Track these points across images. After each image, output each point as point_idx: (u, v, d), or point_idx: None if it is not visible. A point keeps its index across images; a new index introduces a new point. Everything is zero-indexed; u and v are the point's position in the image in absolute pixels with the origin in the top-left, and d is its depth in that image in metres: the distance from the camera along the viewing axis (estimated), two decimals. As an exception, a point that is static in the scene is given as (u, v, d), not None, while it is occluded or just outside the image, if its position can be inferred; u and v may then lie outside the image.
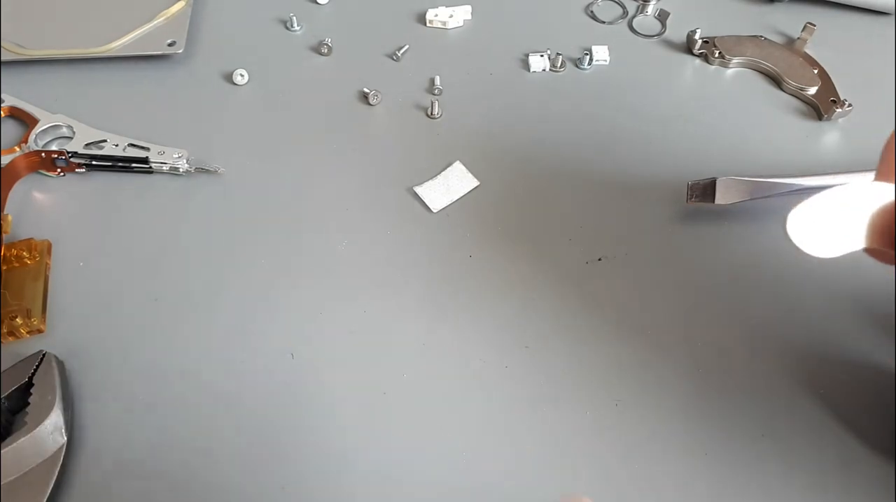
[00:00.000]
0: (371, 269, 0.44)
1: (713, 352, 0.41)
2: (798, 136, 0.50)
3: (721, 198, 0.45)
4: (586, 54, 0.53)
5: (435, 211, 0.46)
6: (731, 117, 0.51)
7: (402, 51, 0.53)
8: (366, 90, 0.51)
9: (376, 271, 0.44)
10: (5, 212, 0.45)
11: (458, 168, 0.48)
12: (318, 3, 0.56)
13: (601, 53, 0.54)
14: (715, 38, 0.55)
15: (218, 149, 0.49)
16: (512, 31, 0.56)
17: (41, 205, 0.46)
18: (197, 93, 0.52)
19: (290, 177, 0.48)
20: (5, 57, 0.51)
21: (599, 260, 0.45)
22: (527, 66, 0.53)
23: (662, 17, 0.56)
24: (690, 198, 0.46)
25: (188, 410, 0.39)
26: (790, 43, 0.55)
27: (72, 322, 0.42)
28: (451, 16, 0.55)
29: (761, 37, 0.55)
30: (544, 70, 0.53)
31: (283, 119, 0.51)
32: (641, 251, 0.45)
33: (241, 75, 0.51)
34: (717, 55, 0.54)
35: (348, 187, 0.48)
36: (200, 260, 0.44)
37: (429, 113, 0.51)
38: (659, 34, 0.56)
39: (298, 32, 0.55)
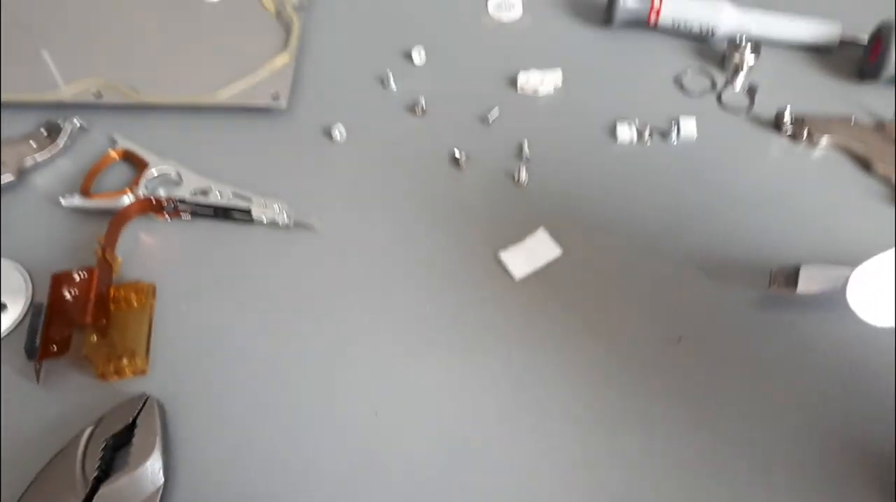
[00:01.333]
0: (455, 334, 0.46)
1: (786, 446, 0.41)
2: (888, 225, 0.50)
3: (804, 286, 0.45)
4: (674, 126, 0.54)
5: (517, 278, 0.48)
6: (817, 201, 0.51)
7: (492, 114, 0.55)
8: (456, 154, 0.53)
9: (460, 336, 0.46)
10: (116, 254, 0.48)
11: (541, 235, 0.49)
12: (413, 63, 0.58)
13: (689, 127, 0.54)
14: (804, 116, 0.55)
15: (314, 202, 0.51)
16: (601, 98, 0.57)
17: (148, 247, 0.49)
18: (297, 146, 0.54)
19: (381, 235, 0.50)
20: (121, 100, 0.55)
21: (679, 341, 0.45)
22: (614, 134, 0.54)
23: (752, 92, 0.57)
24: (772, 285, 0.46)
25: (277, 460, 0.41)
26: (881, 125, 0.55)
27: (172, 365, 0.45)
28: (541, 81, 0.56)
29: (852, 117, 0.55)
30: (631, 141, 0.54)
31: (377, 177, 0.53)
32: (719, 335, 0.46)
33: (340, 132, 0.54)
34: (805, 135, 0.54)
35: (436, 248, 0.49)
36: (293, 312, 0.47)
37: (516, 179, 0.52)
38: (747, 110, 0.56)
39: (395, 91, 0.57)
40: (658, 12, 0.58)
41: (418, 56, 0.58)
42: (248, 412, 0.43)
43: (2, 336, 0.45)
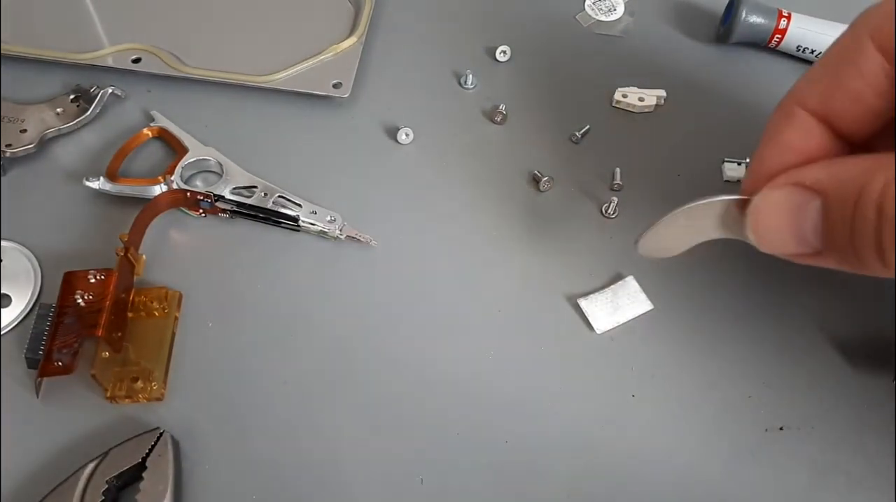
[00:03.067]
0: (519, 392, 0.39)
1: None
2: None
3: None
4: (790, 171, 0.46)
5: (598, 332, 0.41)
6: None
7: (582, 132, 0.48)
8: (537, 174, 0.46)
9: (525, 395, 0.39)
10: (140, 253, 0.41)
11: (630, 285, 0.42)
12: (497, 59, 0.51)
13: (807, 172, 0.47)
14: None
15: (370, 211, 0.44)
16: (707, 128, 0.49)
17: (177, 247, 0.43)
18: (356, 145, 0.47)
19: (442, 259, 0.43)
20: (163, 70, 0.48)
21: (781, 429, 0.39)
22: (720, 172, 0.47)
23: (880, 137, 0.49)
24: (900, 378, 0.39)
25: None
26: None
27: (191, 392, 0.38)
28: (640, 99, 0.49)
29: None
30: (740, 181, 0.47)
31: (444, 191, 0.46)
32: (830, 428, 0.39)
33: (406, 134, 0.47)
34: None
35: (503, 284, 0.42)
36: (338, 341, 0.40)
37: (604, 211, 0.45)
38: (874, 158, 0.49)
39: (472, 91, 0.50)
40: (783, 33, 0.50)
41: (502, 55, 0.51)
42: (278, 454, 0.37)
43: (1, 334, 0.40)
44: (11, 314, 0.40)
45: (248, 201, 0.43)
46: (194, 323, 0.40)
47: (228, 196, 0.43)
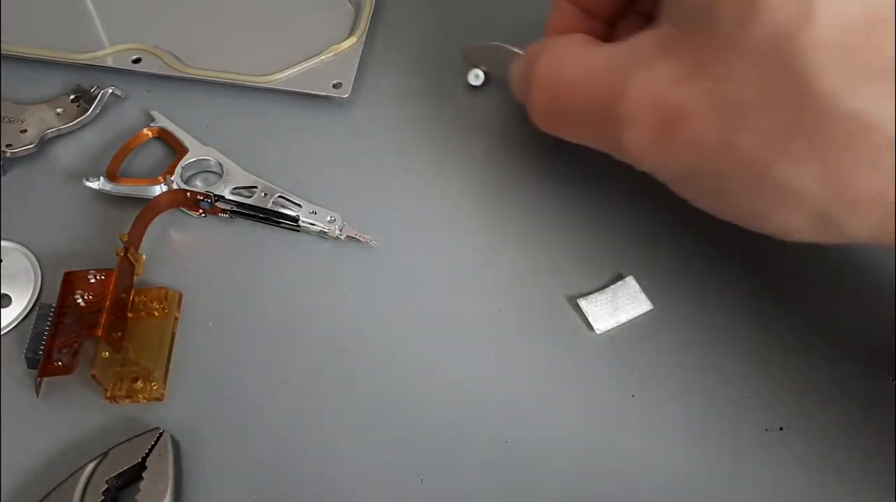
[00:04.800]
0: (519, 391, 0.39)
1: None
2: None
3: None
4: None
5: (598, 332, 0.41)
6: None
7: (582, 132, 0.48)
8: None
9: (525, 394, 0.39)
10: (140, 253, 0.41)
11: (630, 285, 0.42)
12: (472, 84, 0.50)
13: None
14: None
15: (370, 211, 0.44)
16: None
17: (176, 247, 0.43)
18: (356, 145, 0.47)
19: (442, 259, 0.43)
20: (163, 70, 0.48)
21: (780, 429, 0.39)
22: (719, 172, 0.47)
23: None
24: (900, 377, 0.39)
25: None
26: None
27: (191, 392, 0.38)
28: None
29: None
30: (739, 181, 0.47)
31: (445, 191, 0.46)
32: (830, 428, 0.39)
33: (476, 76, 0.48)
34: None
35: (503, 284, 0.43)
36: (338, 341, 0.40)
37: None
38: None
39: (478, 90, 0.50)
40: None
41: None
42: (278, 454, 0.37)
43: (1, 334, 0.40)
44: (11, 314, 0.40)
45: (248, 201, 0.43)
46: (194, 323, 0.40)
47: (228, 196, 0.43)
